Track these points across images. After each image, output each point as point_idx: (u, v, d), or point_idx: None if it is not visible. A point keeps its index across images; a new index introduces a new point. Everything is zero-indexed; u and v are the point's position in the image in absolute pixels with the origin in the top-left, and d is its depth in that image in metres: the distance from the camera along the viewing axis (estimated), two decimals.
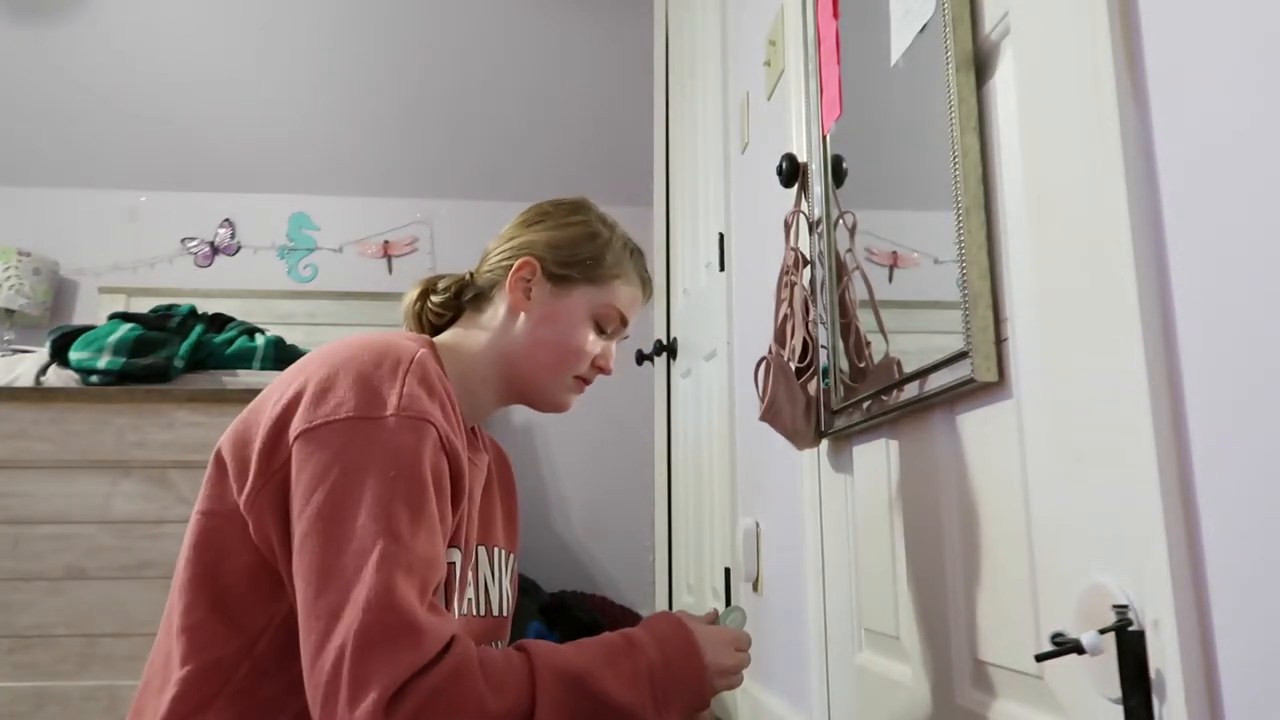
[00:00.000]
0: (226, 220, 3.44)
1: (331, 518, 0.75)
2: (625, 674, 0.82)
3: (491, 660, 0.77)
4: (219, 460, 0.85)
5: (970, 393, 0.92)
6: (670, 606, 2.66)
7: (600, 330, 1.03)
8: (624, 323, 1.04)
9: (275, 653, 0.81)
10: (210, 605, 0.82)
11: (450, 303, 1.04)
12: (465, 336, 1.01)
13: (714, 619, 0.98)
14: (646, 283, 1.07)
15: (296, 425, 0.79)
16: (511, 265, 1.00)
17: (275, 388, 0.86)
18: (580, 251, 1.01)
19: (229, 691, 0.80)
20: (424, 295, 1.05)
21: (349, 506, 0.75)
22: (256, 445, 0.81)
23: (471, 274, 1.06)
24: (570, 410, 1.04)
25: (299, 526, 0.76)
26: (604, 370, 1.04)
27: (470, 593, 0.95)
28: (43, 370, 2.21)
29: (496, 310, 1.01)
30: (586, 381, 1.03)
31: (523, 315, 1.00)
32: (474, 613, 0.96)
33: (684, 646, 0.87)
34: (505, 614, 1.04)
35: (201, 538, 0.84)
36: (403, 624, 0.71)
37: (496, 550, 1.03)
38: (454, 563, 0.88)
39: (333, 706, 0.70)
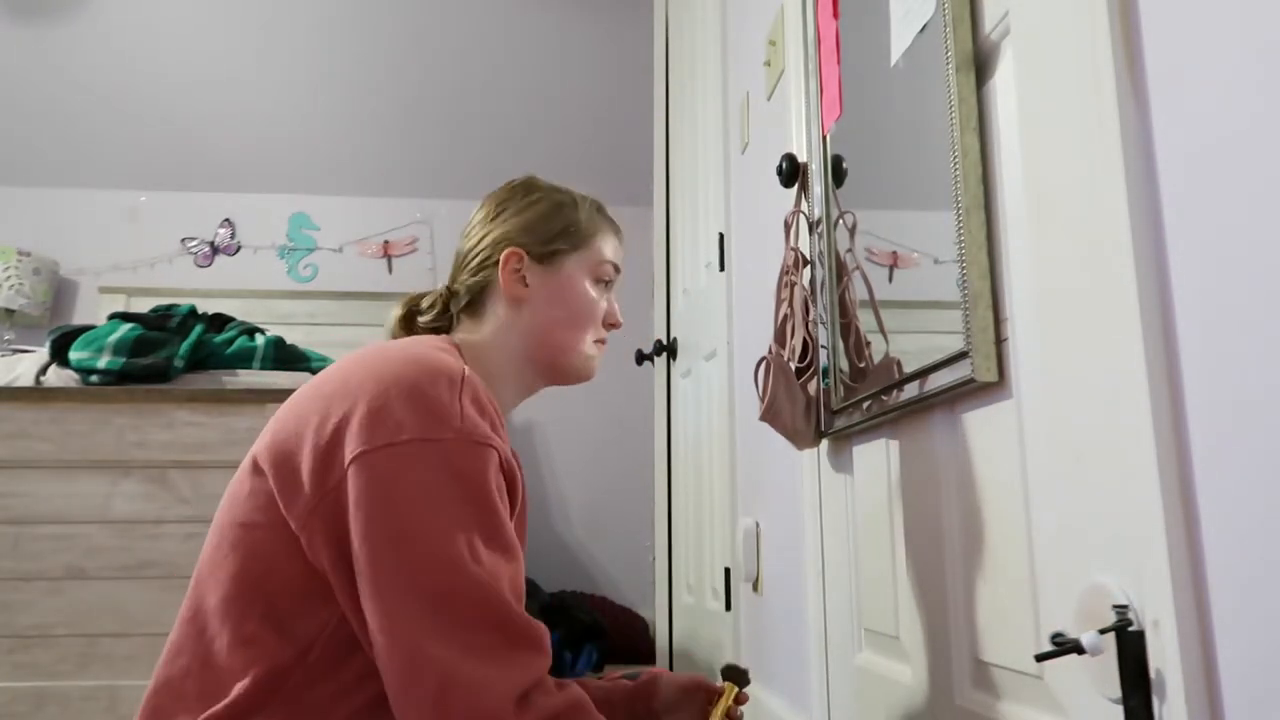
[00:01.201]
0: (226, 220, 3.45)
1: (404, 539, 0.76)
2: None
3: None
4: (257, 470, 0.83)
5: (970, 393, 0.92)
6: (670, 606, 2.66)
7: (601, 285, 1.04)
8: (618, 270, 1.06)
9: (327, 660, 0.80)
10: (261, 617, 0.81)
11: (441, 317, 1.03)
12: (475, 345, 0.99)
13: (723, 692, 1.03)
14: (617, 228, 1.09)
15: (353, 447, 0.78)
16: (497, 262, 0.99)
17: (314, 401, 0.84)
18: (554, 224, 1.02)
19: (279, 699, 0.79)
20: (409, 316, 1.04)
21: (423, 528, 0.76)
22: (305, 463, 0.80)
23: (450, 286, 1.04)
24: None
25: (365, 550, 0.76)
26: (614, 325, 1.06)
27: None
28: (43, 370, 2.21)
29: (495, 310, 1.00)
30: (603, 341, 1.05)
31: (526, 304, 1.00)
32: None
33: None
34: None
35: (246, 550, 0.82)
36: (516, 628, 0.77)
37: None
38: None
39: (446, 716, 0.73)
